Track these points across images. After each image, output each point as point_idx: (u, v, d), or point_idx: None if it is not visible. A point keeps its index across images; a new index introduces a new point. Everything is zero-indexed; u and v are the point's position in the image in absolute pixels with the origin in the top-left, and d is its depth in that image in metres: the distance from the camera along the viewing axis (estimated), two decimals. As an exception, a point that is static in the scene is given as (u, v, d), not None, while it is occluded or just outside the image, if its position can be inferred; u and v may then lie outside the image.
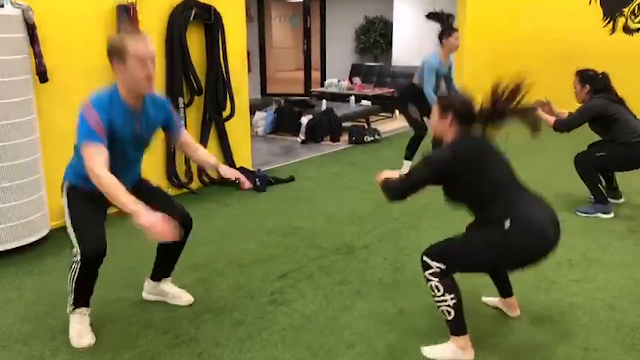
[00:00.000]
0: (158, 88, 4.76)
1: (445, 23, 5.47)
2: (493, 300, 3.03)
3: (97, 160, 2.37)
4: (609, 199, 4.61)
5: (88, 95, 2.52)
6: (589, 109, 4.36)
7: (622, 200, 4.77)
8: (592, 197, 4.52)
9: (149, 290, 3.11)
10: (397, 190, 2.62)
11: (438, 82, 5.52)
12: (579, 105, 4.46)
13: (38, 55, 3.82)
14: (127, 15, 4.36)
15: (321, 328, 2.83)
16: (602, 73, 4.44)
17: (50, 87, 3.95)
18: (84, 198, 2.60)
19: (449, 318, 2.50)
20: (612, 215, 4.43)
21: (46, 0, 3.93)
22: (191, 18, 4.83)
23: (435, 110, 2.67)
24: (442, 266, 2.48)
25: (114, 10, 4.34)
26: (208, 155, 3.00)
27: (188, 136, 2.96)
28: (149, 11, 4.58)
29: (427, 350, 2.61)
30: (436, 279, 2.49)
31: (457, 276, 2.53)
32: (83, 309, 2.74)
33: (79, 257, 2.54)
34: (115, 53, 2.47)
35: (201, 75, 5.06)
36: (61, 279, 3.34)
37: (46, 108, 3.98)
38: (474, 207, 2.58)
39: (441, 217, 4.34)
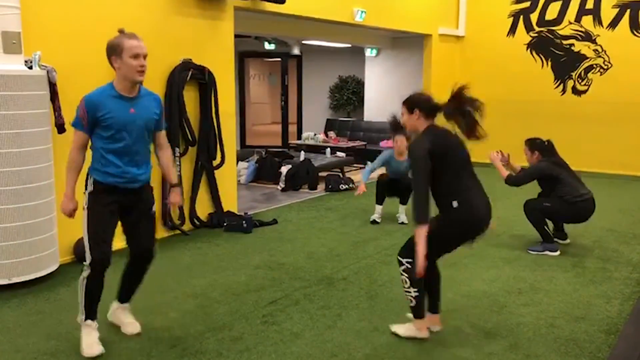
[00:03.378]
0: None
1: (393, 127, 5.86)
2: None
3: (76, 142, 3.12)
4: (557, 240, 5.25)
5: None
6: (536, 170, 5.10)
7: (568, 241, 5.42)
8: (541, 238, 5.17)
9: (111, 312, 3.49)
10: (417, 192, 3.05)
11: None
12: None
13: (57, 109, 4.36)
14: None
15: (308, 342, 3.33)
16: (548, 141, 5.21)
17: (66, 138, 4.45)
18: (102, 200, 3.10)
19: (412, 305, 3.28)
20: (558, 253, 5.06)
21: (67, 62, 4.50)
22: (188, 78, 5.46)
23: (403, 110, 3.26)
24: (411, 259, 3.14)
25: (122, 71, 4.93)
26: (171, 169, 3.44)
27: (164, 139, 3.44)
28: (151, 71, 5.11)
29: (395, 327, 3.41)
30: (406, 275, 3.23)
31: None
32: (91, 323, 3.17)
33: (88, 263, 3.05)
34: (114, 49, 3.02)
35: (195, 128, 5.64)
36: (76, 306, 3.80)
37: (62, 156, 4.48)
38: (436, 188, 3.11)
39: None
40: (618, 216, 6.53)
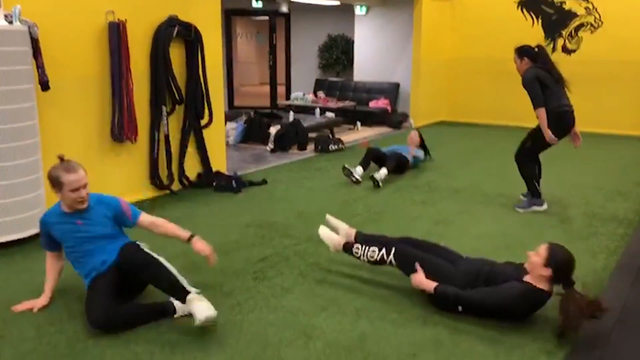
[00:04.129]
0: (143, 97, 5.25)
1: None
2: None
3: (47, 255, 3.32)
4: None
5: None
6: (529, 80, 4.88)
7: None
8: (528, 192, 5.19)
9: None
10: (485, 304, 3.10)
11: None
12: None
13: (40, 66, 4.26)
14: (117, 31, 4.84)
15: (298, 296, 3.36)
16: (538, 45, 5.08)
17: (50, 95, 4.38)
18: (97, 281, 3.14)
19: (366, 260, 3.51)
20: (545, 206, 5.11)
21: (49, 17, 4.38)
22: (174, 35, 5.34)
23: (543, 252, 3.07)
24: (394, 262, 3.35)
25: (106, 27, 4.82)
26: (177, 229, 3.37)
27: (150, 218, 3.35)
28: (136, 28, 5.07)
29: (323, 231, 3.80)
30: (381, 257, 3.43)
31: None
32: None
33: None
34: (55, 184, 3.07)
35: (182, 87, 5.56)
36: (66, 265, 3.79)
37: (46, 114, 4.42)
38: None
39: (398, 212, 4.94)
40: (605, 174, 6.59)
